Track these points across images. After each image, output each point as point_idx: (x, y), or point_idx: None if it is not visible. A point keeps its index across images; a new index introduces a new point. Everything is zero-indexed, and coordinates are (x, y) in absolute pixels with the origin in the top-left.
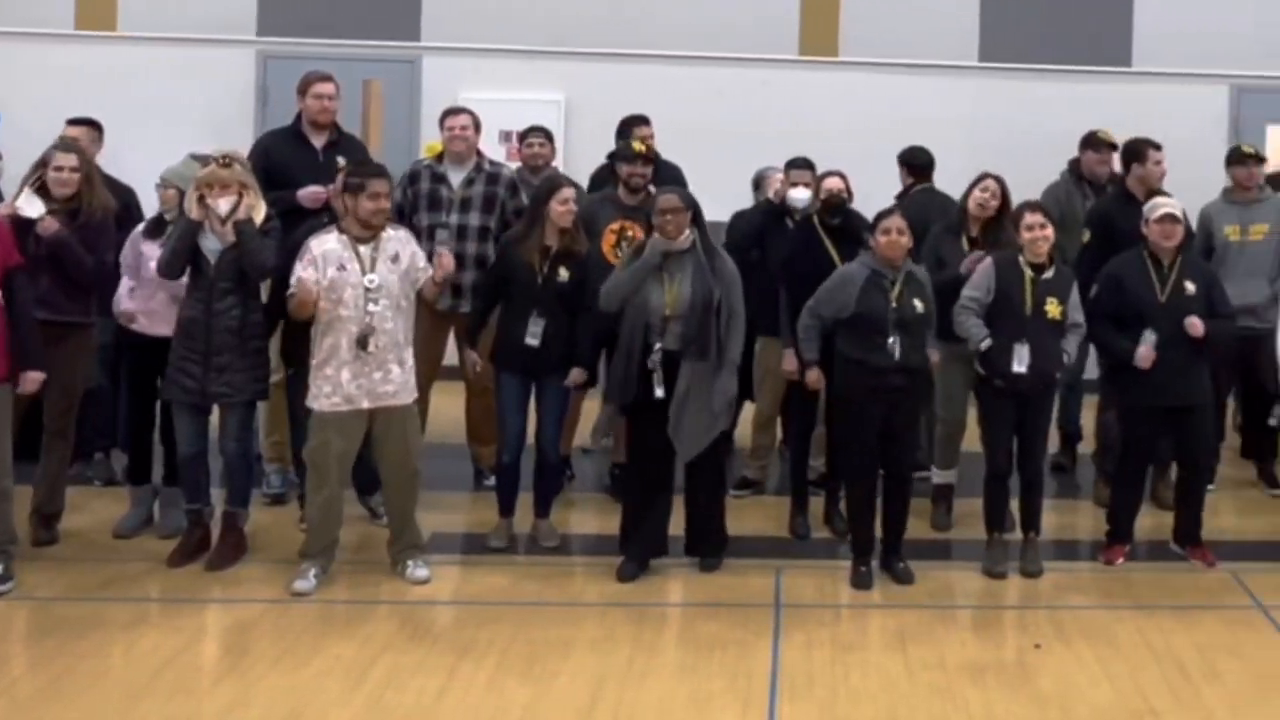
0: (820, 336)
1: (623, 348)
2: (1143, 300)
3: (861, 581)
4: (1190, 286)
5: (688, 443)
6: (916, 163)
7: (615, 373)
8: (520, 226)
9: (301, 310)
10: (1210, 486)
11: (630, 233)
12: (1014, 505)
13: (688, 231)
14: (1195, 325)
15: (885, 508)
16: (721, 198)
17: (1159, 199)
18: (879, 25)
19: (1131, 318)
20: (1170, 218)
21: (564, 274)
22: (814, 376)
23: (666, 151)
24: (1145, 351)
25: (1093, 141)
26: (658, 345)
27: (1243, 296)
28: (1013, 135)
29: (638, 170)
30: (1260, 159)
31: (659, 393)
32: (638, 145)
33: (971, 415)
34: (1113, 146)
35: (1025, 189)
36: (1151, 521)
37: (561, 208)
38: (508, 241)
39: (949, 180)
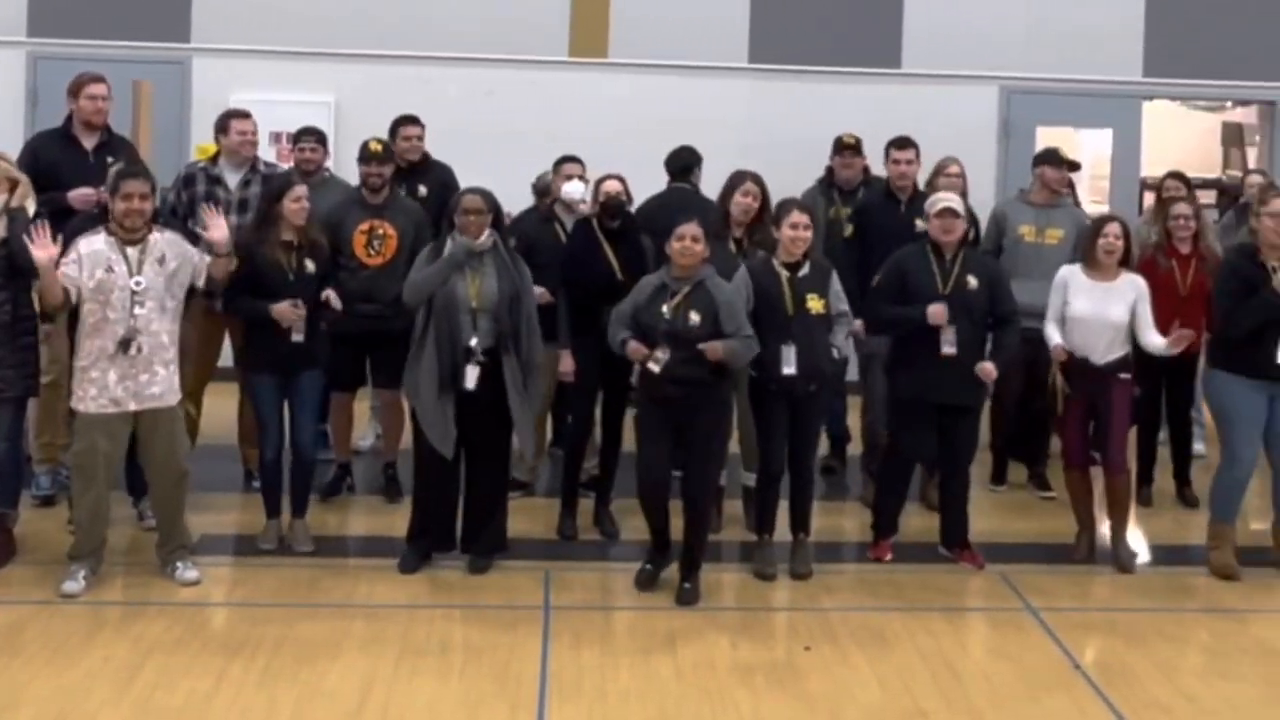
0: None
1: (437, 342)
2: (924, 291)
3: (643, 581)
4: (972, 281)
5: (529, 438)
6: (672, 166)
7: (426, 367)
8: (251, 228)
9: (48, 297)
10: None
11: (381, 231)
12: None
13: (488, 231)
14: (988, 371)
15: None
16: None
17: (939, 194)
18: (649, 27)
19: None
20: (950, 212)
21: (311, 267)
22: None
23: (438, 152)
24: (937, 310)
25: (838, 146)
26: (474, 340)
27: (1033, 298)
28: (784, 136)
29: (373, 170)
30: (1075, 165)
31: (469, 385)
32: (374, 145)
33: None
34: (856, 150)
35: (796, 190)
36: (921, 523)
37: (294, 205)
38: (250, 244)
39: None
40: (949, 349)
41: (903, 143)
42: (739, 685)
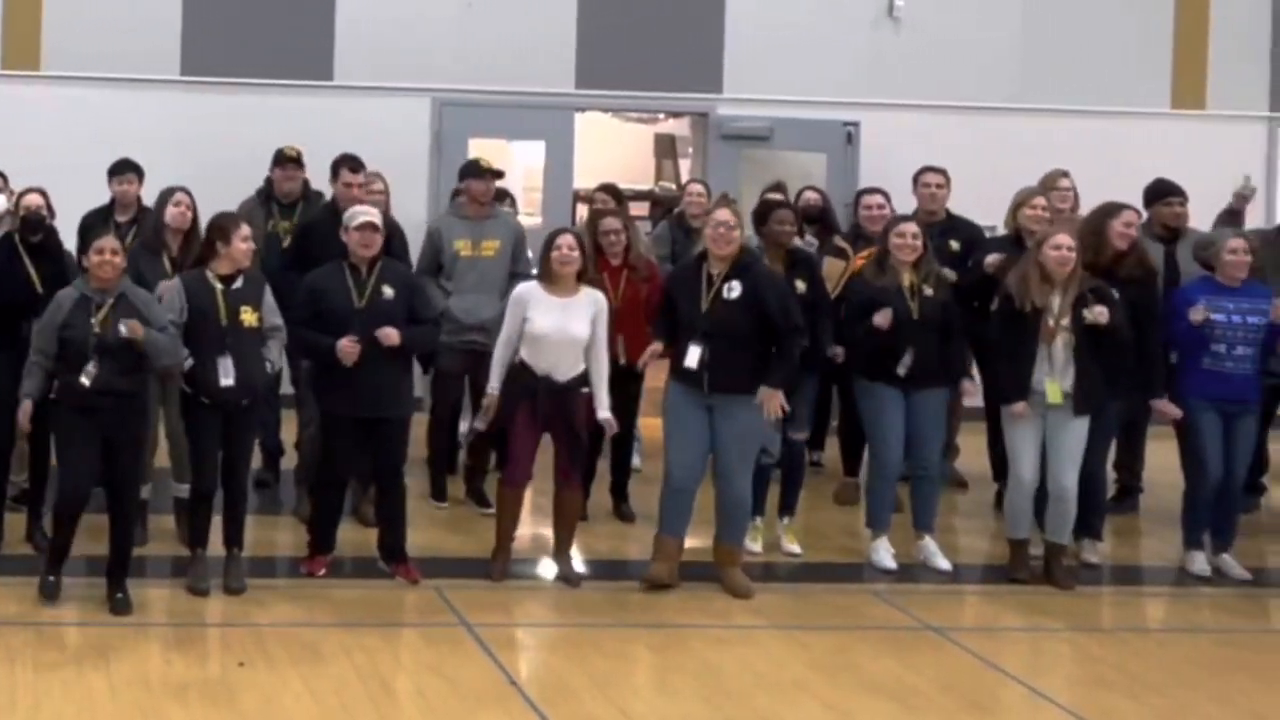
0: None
1: None
2: (340, 307)
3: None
4: (388, 291)
5: None
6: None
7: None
8: None
9: None
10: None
11: None
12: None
13: None
14: (389, 335)
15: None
16: None
17: (358, 207)
18: (80, 38)
19: (333, 324)
20: (370, 226)
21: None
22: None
23: None
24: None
25: (278, 159)
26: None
27: (475, 313)
28: (218, 149)
29: None
30: (498, 173)
31: None
32: None
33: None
34: (297, 163)
35: (228, 203)
36: (358, 537)
37: None
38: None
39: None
40: (349, 362)
41: (354, 165)
42: (173, 702)
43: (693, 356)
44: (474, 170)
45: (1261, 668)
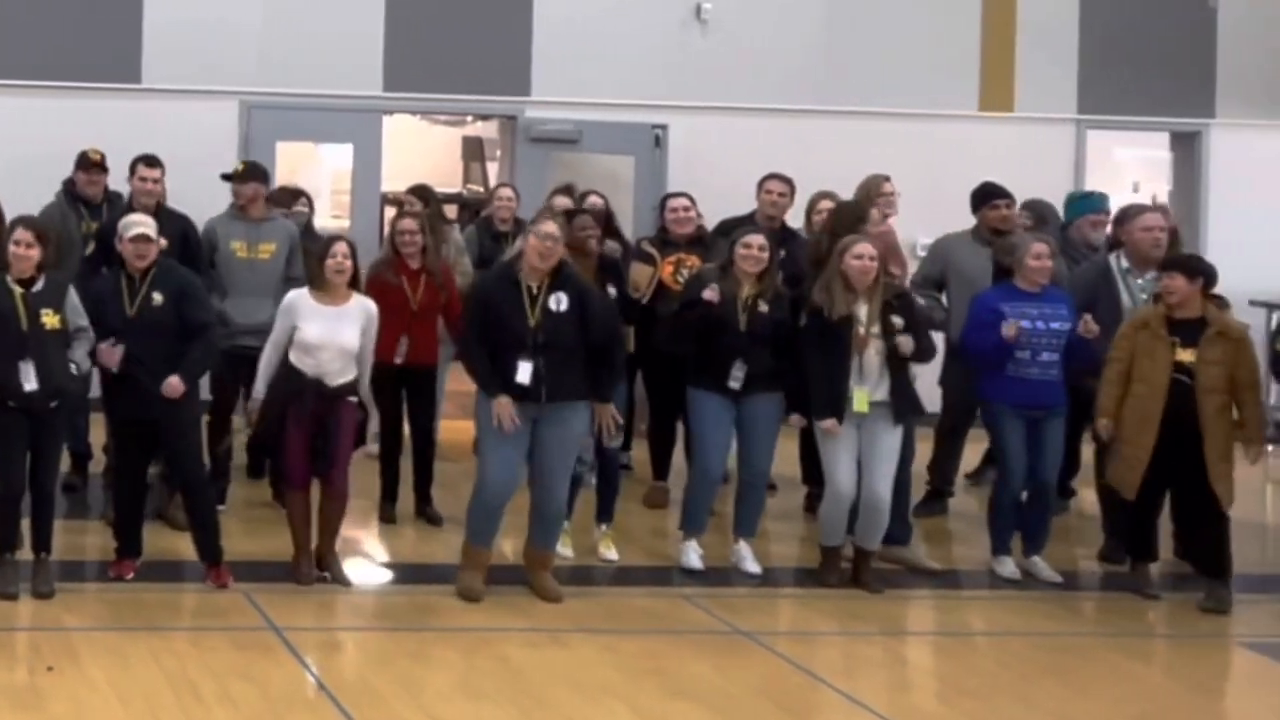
0: None
1: None
2: (113, 315)
3: None
4: (158, 298)
5: None
6: None
7: None
8: None
9: None
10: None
11: None
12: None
13: None
14: (174, 387)
15: None
16: None
17: (132, 217)
18: None
19: (107, 333)
20: (143, 237)
21: None
22: None
23: None
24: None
25: (81, 162)
26: None
27: (251, 315)
28: (16, 153)
29: None
30: (259, 173)
31: None
32: None
33: None
34: (101, 167)
35: (27, 207)
36: (164, 542)
37: None
38: None
39: None
40: (111, 366)
41: (151, 160)
42: None
43: (524, 372)
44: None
45: (1071, 671)
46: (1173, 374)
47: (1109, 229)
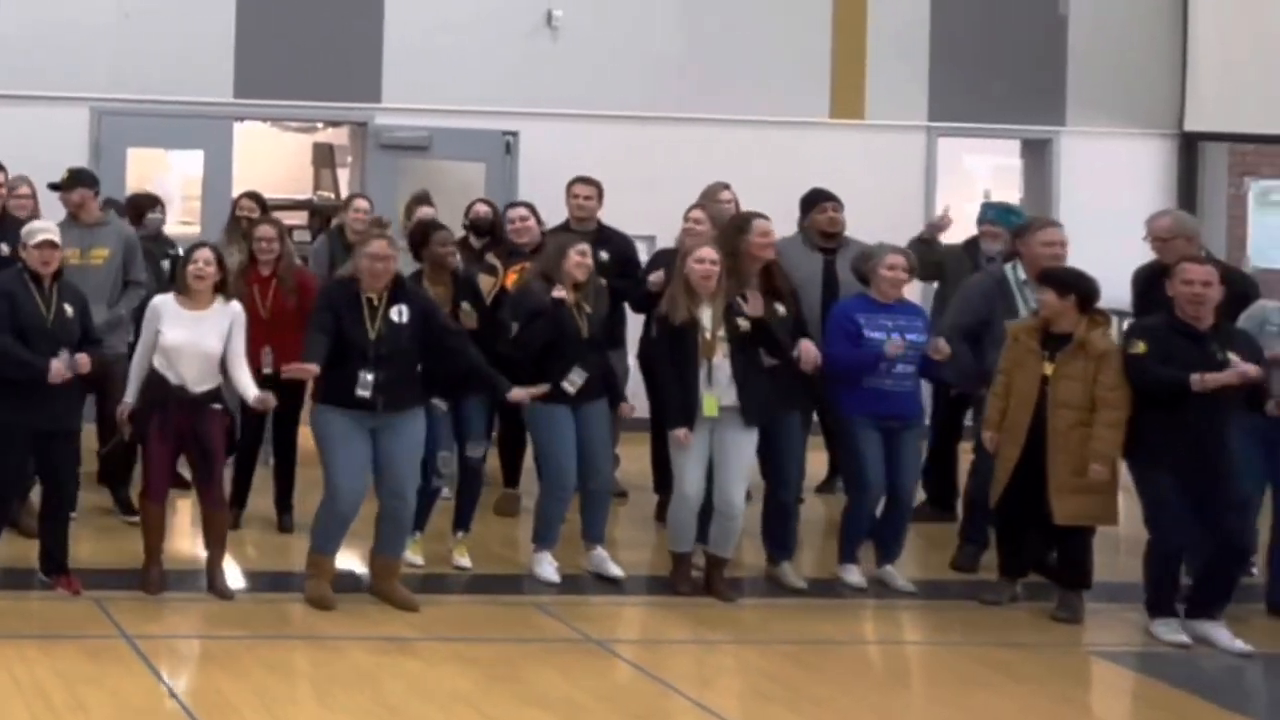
0: None
1: None
2: (33, 322)
3: None
4: (69, 310)
5: None
6: None
7: None
8: None
9: None
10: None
11: None
12: None
13: None
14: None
15: None
16: None
17: (37, 223)
18: None
19: (25, 339)
20: (49, 244)
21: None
22: None
23: None
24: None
25: None
26: None
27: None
28: None
29: None
30: (55, 185)
31: None
32: None
33: None
34: None
35: None
36: (10, 550)
37: None
38: None
39: None
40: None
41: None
42: None
43: (365, 384)
44: (62, 184)
45: (922, 679)
46: (1042, 387)
47: (1005, 242)
